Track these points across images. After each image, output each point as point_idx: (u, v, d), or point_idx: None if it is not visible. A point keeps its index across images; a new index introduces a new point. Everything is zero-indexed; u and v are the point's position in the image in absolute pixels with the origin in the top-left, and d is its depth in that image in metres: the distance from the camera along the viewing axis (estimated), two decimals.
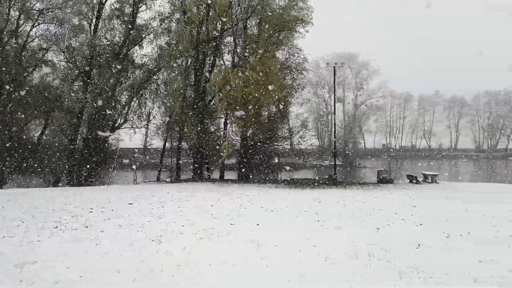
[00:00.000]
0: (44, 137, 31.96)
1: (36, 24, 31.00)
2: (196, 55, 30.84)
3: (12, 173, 29.67)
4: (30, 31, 31.01)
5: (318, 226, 12.02)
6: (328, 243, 9.83)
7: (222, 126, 33.86)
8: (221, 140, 30.15)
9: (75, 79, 32.67)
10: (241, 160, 32.93)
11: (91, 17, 32.36)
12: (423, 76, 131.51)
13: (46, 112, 29.96)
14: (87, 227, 11.64)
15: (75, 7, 31.23)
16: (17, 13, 30.41)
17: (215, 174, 35.13)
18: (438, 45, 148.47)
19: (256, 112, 29.14)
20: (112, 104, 31.74)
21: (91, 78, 31.53)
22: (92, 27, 32.02)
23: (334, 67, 33.54)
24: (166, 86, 33.23)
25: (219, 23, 30.24)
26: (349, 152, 67.80)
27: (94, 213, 14.00)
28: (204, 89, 31.33)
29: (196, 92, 30.96)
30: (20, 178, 31.08)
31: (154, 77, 34.57)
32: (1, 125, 27.55)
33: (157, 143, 48.40)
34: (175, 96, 30.52)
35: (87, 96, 30.01)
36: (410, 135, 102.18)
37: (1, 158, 27.46)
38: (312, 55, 49.19)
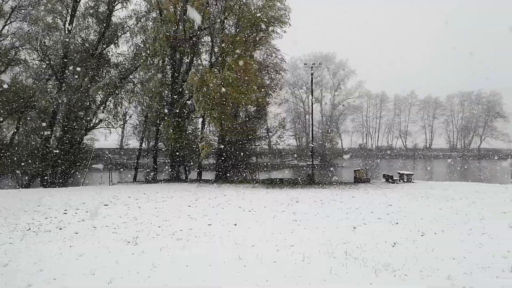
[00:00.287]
0: (17, 137, 31.14)
1: (9, 22, 30.14)
2: (173, 55, 30.60)
3: None
4: (2, 30, 30.16)
5: (296, 226, 12.08)
6: (305, 243, 9.89)
7: (200, 126, 33.67)
8: (199, 140, 29.93)
9: (49, 78, 32.00)
10: (219, 160, 32.80)
11: (65, 15, 31.67)
12: (400, 77, 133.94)
13: (19, 112, 29.24)
14: (61, 229, 11.43)
15: (49, 5, 30.51)
16: None
17: (193, 175, 34.94)
18: (416, 46, 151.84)
19: (234, 112, 29.09)
20: (87, 104, 31.20)
21: (65, 77, 30.89)
22: (67, 26, 31.32)
23: (312, 67, 33.83)
24: (143, 86, 32.93)
25: (196, 23, 30.08)
26: (327, 152, 68.38)
27: (68, 215, 13.73)
28: (181, 89, 31.08)
29: (173, 92, 30.66)
30: None
31: (130, 76, 34.23)
32: None
33: (134, 143, 47.89)
34: (152, 96, 30.26)
35: (61, 96, 29.38)
36: (386, 135, 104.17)
37: None
38: (290, 55, 49.64)
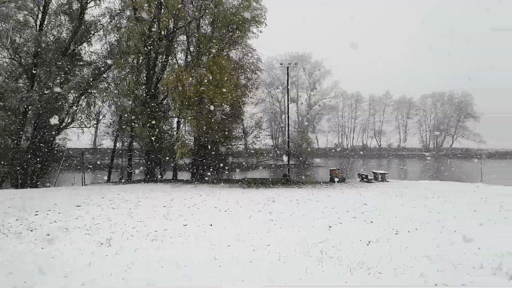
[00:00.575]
0: None
1: None
2: (148, 53, 30.15)
3: None
4: None
5: (272, 226, 12.09)
6: (281, 242, 9.91)
7: (175, 126, 33.36)
8: (175, 140, 29.63)
9: (20, 77, 31.15)
10: (195, 160, 32.55)
11: (37, 13, 30.92)
12: (380, 78, 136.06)
13: None
14: (32, 231, 11.15)
15: (20, 2, 29.69)
16: None
17: (168, 175, 34.62)
18: (394, 47, 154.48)
19: (210, 112, 28.94)
20: (59, 103, 30.49)
21: (37, 76, 30.17)
22: (38, 23, 30.59)
23: (288, 67, 33.91)
24: (117, 85, 32.41)
25: (171, 21, 29.78)
26: (303, 152, 68.77)
27: (40, 216, 13.37)
28: (156, 88, 30.74)
29: (148, 91, 30.24)
30: None
31: (104, 75, 33.64)
32: None
33: (108, 143, 47.09)
34: (126, 95, 29.80)
35: (32, 95, 28.64)
36: (361, 135, 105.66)
37: None
38: (266, 55, 49.66)
